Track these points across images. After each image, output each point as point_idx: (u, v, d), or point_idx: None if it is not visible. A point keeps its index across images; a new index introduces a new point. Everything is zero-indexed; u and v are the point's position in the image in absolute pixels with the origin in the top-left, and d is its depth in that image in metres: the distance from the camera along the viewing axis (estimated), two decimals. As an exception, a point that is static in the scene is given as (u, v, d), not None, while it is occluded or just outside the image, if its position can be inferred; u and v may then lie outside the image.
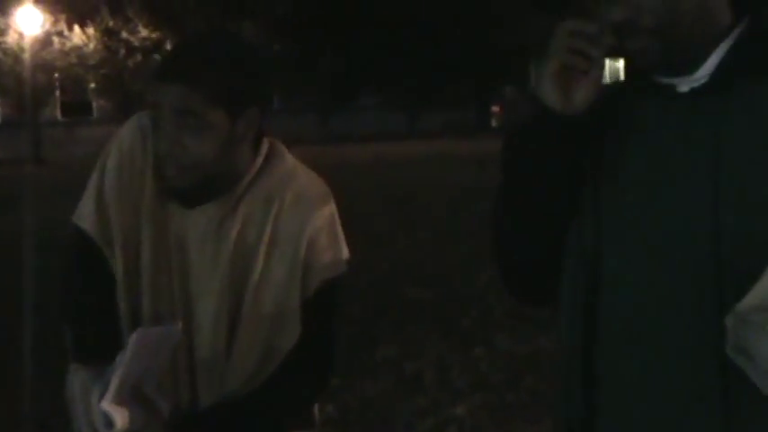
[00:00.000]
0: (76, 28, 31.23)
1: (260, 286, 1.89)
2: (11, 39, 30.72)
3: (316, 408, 2.05)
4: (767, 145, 1.46)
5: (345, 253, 1.96)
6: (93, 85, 32.95)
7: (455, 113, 33.47)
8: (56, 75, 32.43)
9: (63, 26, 31.10)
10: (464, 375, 5.60)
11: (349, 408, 5.18)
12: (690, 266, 1.48)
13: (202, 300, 1.90)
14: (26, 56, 29.34)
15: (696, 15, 1.49)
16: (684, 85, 1.53)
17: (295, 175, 1.95)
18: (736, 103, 1.49)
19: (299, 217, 1.90)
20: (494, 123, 34.88)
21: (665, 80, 1.55)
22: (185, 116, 1.79)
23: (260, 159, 1.93)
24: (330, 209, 1.95)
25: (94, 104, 34.92)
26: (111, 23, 31.17)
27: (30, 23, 29.38)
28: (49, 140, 30.88)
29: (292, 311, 1.89)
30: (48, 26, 30.52)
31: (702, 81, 1.51)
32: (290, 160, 1.98)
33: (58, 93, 34.31)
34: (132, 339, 1.70)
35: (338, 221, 1.96)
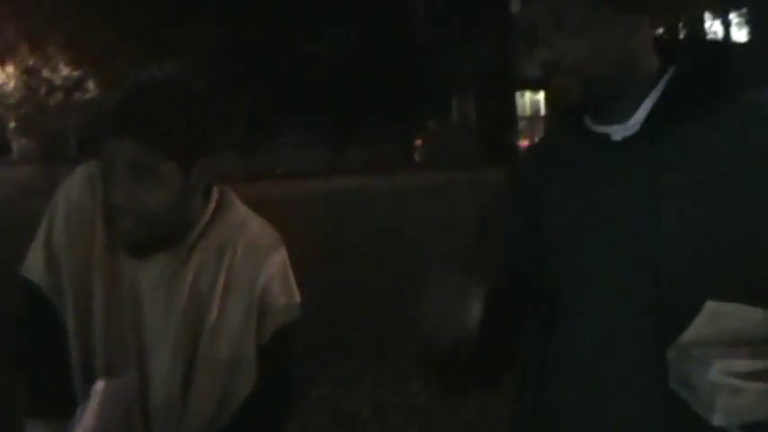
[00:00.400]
0: (-5, 66, 30.73)
1: (215, 334, 1.90)
2: (-73, 78, 30.11)
3: None
4: (703, 188, 1.51)
5: (298, 297, 1.99)
6: (12, 125, 32.40)
7: (378, 148, 33.64)
8: (-26, 114, 31.84)
9: (-19, 65, 30.59)
10: (401, 411, 5.62)
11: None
12: (633, 309, 1.55)
13: (157, 350, 1.91)
14: (-57, 96, 28.78)
15: (621, 63, 1.55)
16: (618, 134, 1.59)
17: (247, 222, 1.98)
18: (670, 149, 1.54)
19: (253, 264, 1.93)
20: (416, 158, 35.13)
21: (600, 129, 1.61)
22: (139, 170, 1.81)
23: (211, 207, 1.95)
24: (282, 255, 1.98)
25: (14, 144, 34.32)
26: (31, 62, 30.72)
27: (-54, 63, 28.88)
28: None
29: (248, 358, 1.91)
30: (-35, 66, 30.00)
31: (635, 129, 1.57)
32: (241, 208, 2.00)
33: (-24, 132, 33.67)
34: (95, 392, 1.69)
35: (289, 267, 1.99)
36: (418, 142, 35.70)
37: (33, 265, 1.94)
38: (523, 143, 38.88)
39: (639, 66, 1.57)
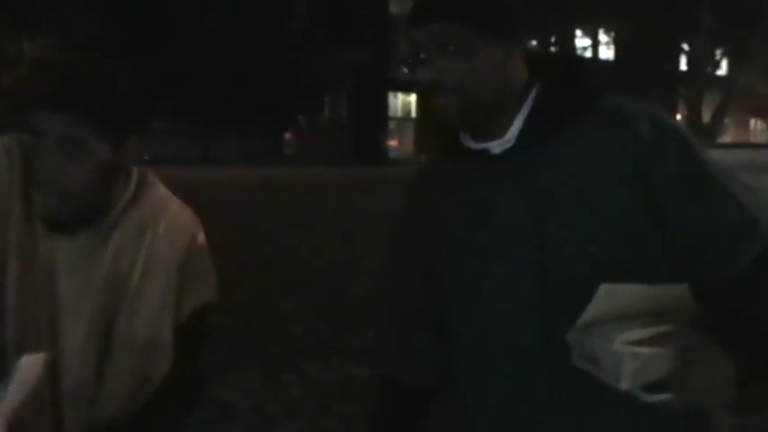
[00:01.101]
0: None
1: (133, 314, 1.90)
2: None
3: None
4: (579, 193, 1.63)
5: (215, 278, 2.00)
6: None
7: (248, 141, 33.41)
8: None
9: None
10: (277, 402, 5.64)
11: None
12: (520, 312, 1.67)
13: (71, 327, 1.89)
14: None
15: (494, 78, 1.66)
16: (497, 148, 1.70)
17: (167, 204, 1.98)
18: (547, 159, 1.66)
19: (173, 245, 1.93)
20: (286, 151, 35.05)
21: (479, 145, 1.72)
22: (70, 145, 1.79)
23: (132, 187, 1.95)
24: (201, 237, 2.00)
25: None
26: None
27: None
28: None
29: (165, 339, 1.91)
30: None
31: (512, 142, 1.69)
32: (161, 189, 2.01)
33: None
34: (19, 367, 1.67)
35: (207, 250, 2.00)
36: (288, 136, 35.64)
37: None
38: (393, 143, 39.18)
39: (514, 84, 1.69)
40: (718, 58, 35.82)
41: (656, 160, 1.61)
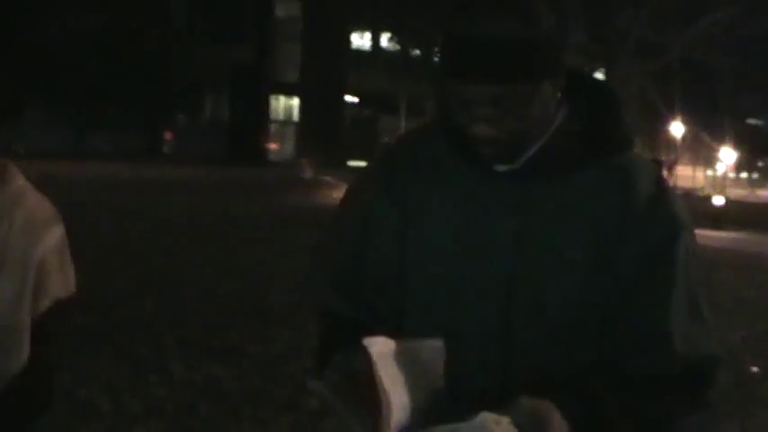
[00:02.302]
0: None
1: None
2: None
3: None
4: (565, 230, 1.64)
5: (73, 275, 1.99)
6: None
7: (126, 137, 32.80)
8: None
9: None
10: (139, 402, 5.59)
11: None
12: (481, 329, 1.66)
13: None
14: None
15: (544, 118, 1.63)
16: (503, 166, 1.66)
17: (24, 196, 1.94)
18: (545, 191, 1.65)
19: (29, 238, 1.90)
20: (165, 149, 34.54)
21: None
22: None
23: None
24: (60, 231, 1.96)
25: None
26: None
27: None
28: None
29: (21, 334, 1.88)
30: None
31: (519, 165, 1.65)
32: (19, 181, 1.96)
33: None
34: None
35: (67, 244, 1.98)
36: (168, 135, 35.11)
37: None
38: (273, 146, 38.94)
39: (549, 116, 1.65)
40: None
41: (633, 239, 1.62)
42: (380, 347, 1.53)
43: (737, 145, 52.83)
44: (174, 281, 9.71)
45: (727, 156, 54.23)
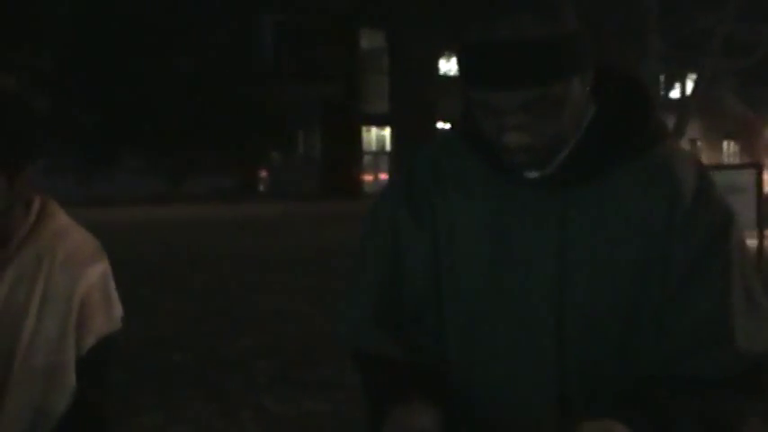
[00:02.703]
0: None
1: (31, 346, 1.86)
2: None
3: None
4: (609, 233, 1.55)
5: (120, 310, 1.97)
6: None
7: (221, 178, 33.36)
8: None
9: None
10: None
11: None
12: (534, 357, 1.57)
13: None
14: None
15: (577, 121, 1.55)
16: (536, 173, 1.58)
17: (67, 233, 1.95)
18: (582, 194, 1.56)
19: (71, 274, 1.90)
20: (261, 188, 35.01)
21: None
22: None
23: (32, 218, 1.92)
24: (103, 266, 1.96)
25: None
26: None
27: None
28: None
29: (66, 370, 1.87)
30: None
31: (551, 170, 1.57)
32: (62, 218, 1.98)
33: None
34: None
35: (111, 279, 1.97)
36: (263, 173, 35.60)
37: None
38: (368, 177, 39.21)
39: (582, 117, 1.57)
40: (665, 80, 35.99)
41: (683, 234, 1.53)
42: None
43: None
44: (270, 317, 9.72)
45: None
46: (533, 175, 1.58)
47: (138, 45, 28.47)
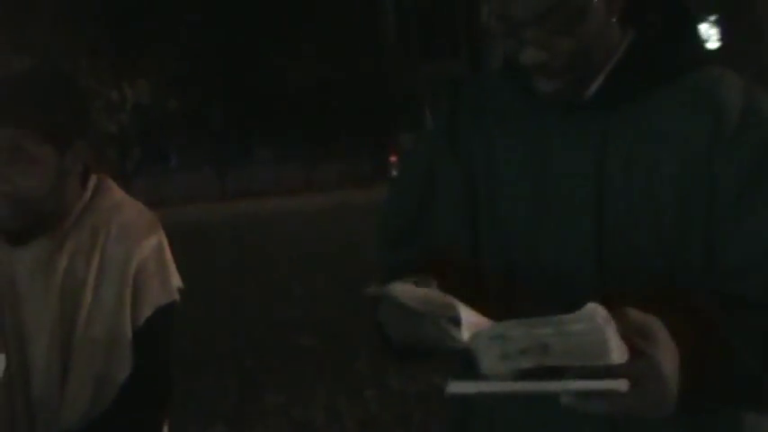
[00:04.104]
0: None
1: (91, 317, 1.89)
2: None
3: None
4: (649, 153, 1.49)
5: (177, 281, 1.98)
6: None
7: (352, 164, 33.69)
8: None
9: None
10: (354, 416, 5.60)
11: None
12: (576, 280, 1.51)
13: (36, 336, 1.90)
14: None
15: (599, 43, 1.48)
16: (572, 99, 1.52)
17: (122, 207, 1.98)
18: (621, 118, 1.50)
19: (126, 247, 1.92)
20: (393, 172, 35.19)
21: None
22: (13, 154, 1.81)
23: (87, 194, 1.96)
24: (158, 238, 1.98)
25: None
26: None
27: None
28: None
29: (124, 340, 1.90)
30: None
31: (588, 97, 1.52)
32: (117, 193, 2.01)
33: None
34: None
35: (167, 250, 1.99)
36: (393, 158, 35.77)
37: None
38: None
39: (610, 39, 1.51)
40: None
41: (730, 153, 1.45)
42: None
43: None
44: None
45: None
46: (571, 101, 1.52)
47: (269, 35, 28.95)
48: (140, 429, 1.95)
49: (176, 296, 1.96)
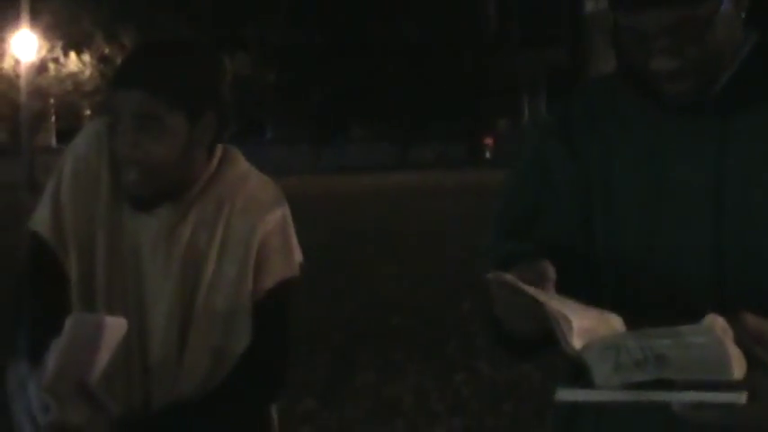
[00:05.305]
0: (72, 55, 31.34)
1: (211, 288, 1.90)
2: (6, 64, 30.78)
3: (273, 411, 2.04)
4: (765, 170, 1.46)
5: (298, 256, 1.97)
6: (88, 112, 32.91)
7: (447, 145, 33.58)
8: (51, 101, 32.41)
9: (59, 53, 31.20)
10: (443, 400, 5.59)
11: (327, 431, 5.17)
12: (692, 284, 1.49)
13: (155, 303, 1.91)
14: (22, 82, 29.29)
15: (726, 47, 1.47)
16: (692, 101, 1.50)
17: (247, 179, 1.98)
18: (741, 121, 1.49)
19: (250, 219, 1.92)
20: (487, 155, 35.00)
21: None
22: (146, 121, 1.82)
23: (214, 164, 1.96)
24: (282, 212, 1.96)
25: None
26: (106, 51, 31.27)
27: (26, 49, 29.33)
28: (44, 166, 30.73)
29: (244, 313, 1.90)
30: (44, 52, 30.57)
31: (709, 99, 1.50)
32: (243, 165, 2.00)
33: (53, 119, 34.28)
34: (68, 324, 1.67)
35: (291, 225, 1.98)
36: (488, 141, 35.57)
37: (40, 218, 1.96)
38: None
39: (736, 41, 1.49)
40: None
41: None
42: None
43: None
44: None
45: None
46: (690, 103, 1.49)
47: (365, 18, 29.01)
48: (254, 403, 1.96)
49: (297, 271, 1.96)
